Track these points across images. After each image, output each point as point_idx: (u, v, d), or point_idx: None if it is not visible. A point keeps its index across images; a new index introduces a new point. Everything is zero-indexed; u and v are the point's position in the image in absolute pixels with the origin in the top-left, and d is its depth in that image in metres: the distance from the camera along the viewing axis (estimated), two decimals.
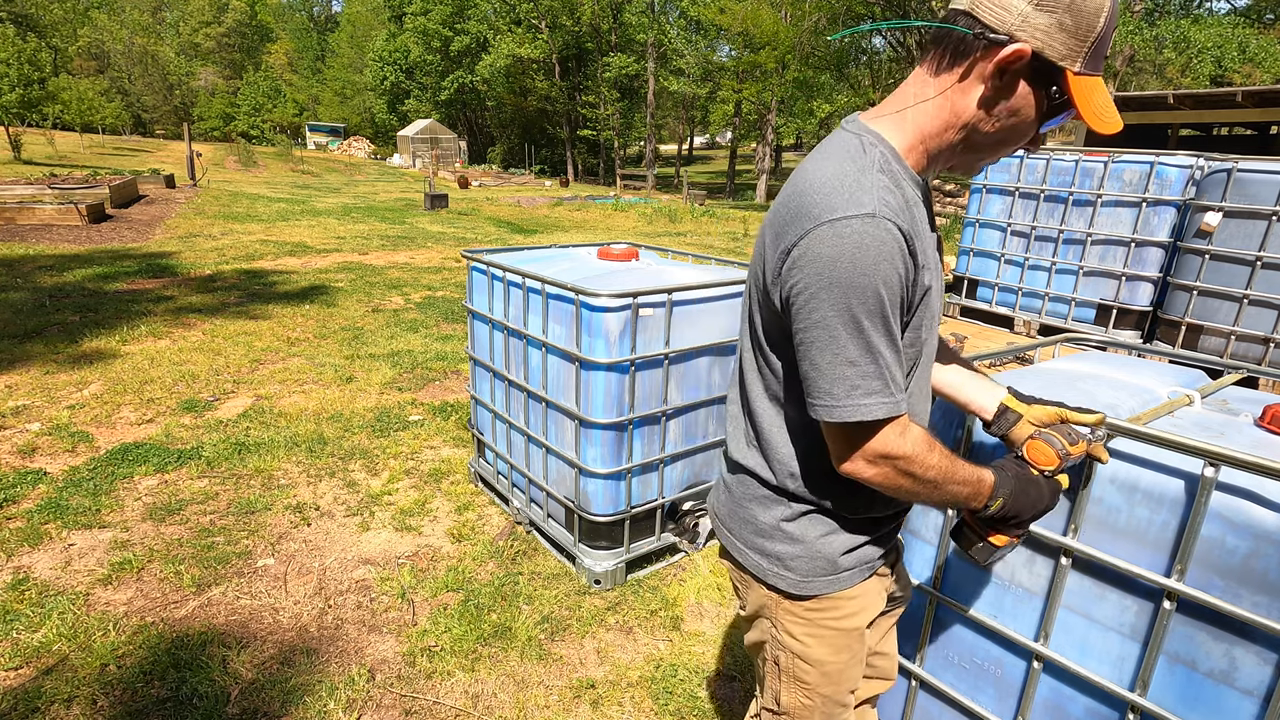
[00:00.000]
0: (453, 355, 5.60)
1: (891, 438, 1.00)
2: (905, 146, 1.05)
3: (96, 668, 2.24)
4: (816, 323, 0.97)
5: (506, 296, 2.90)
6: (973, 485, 1.08)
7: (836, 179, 0.98)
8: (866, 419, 0.98)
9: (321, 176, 26.42)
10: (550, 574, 2.84)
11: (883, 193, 0.97)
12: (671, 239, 13.52)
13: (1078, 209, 6.14)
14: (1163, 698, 1.32)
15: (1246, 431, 1.39)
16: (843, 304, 0.95)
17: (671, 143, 55.30)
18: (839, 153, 1.03)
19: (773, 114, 26.60)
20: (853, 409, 0.98)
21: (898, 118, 1.05)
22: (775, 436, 1.17)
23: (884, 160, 1.02)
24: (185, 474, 3.52)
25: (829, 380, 0.98)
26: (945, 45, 1.00)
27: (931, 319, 1.10)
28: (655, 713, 2.19)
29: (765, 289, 1.07)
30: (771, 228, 1.06)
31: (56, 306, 6.31)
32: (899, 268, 0.96)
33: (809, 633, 1.23)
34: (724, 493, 1.31)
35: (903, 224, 0.96)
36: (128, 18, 52.21)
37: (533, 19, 34.89)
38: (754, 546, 1.23)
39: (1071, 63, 0.94)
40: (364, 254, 10.10)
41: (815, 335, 0.98)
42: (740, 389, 1.25)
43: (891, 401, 0.99)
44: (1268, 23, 19.66)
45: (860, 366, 0.97)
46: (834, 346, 0.97)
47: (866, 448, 1.01)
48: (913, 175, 1.06)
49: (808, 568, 1.19)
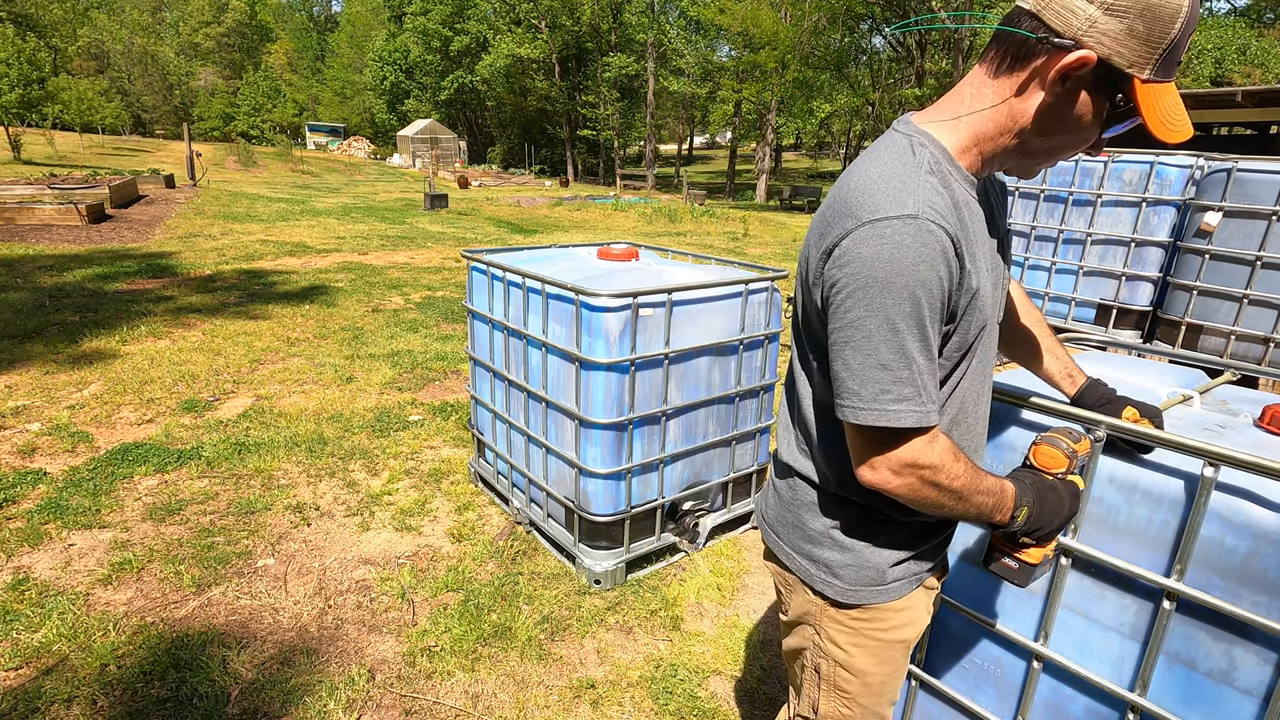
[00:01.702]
0: (453, 355, 5.60)
1: (919, 446, 0.98)
2: (959, 148, 1.03)
3: (96, 668, 2.23)
4: (851, 322, 0.95)
5: (506, 296, 2.90)
6: (996, 495, 1.05)
7: (882, 179, 0.97)
8: (893, 425, 0.96)
9: (321, 176, 26.42)
10: (550, 574, 2.84)
11: (929, 194, 0.95)
12: (671, 239, 13.53)
13: (1077, 209, 6.14)
14: (1163, 698, 1.32)
15: (1246, 431, 1.39)
16: (878, 305, 0.93)
17: (671, 143, 55.30)
18: (888, 154, 1.02)
19: (773, 114, 26.60)
20: (879, 413, 0.96)
21: (953, 120, 1.03)
22: (827, 442, 1.14)
23: (934, 162, 1.00)
24: (185, 474, 3.52)
25: (858, 381, 0.96)
26: (1006, 47, 0.96)
27: (983, 323, 1.07)
28: (655, 713, 2.19)
29: (808, 288, 1.06)
30: (816, 227, 1.05)
31: (56, 306, 6.31)
32: (940, 271, 0.93)
33: (854, 642, 1.21)
34: (773, 496, 1.30)
35: (948, 226, 0.94)
36: (128, 18, 52.21)
37: (533, 19, 34.89)
38: (802, 551, 1.22)
39: (1140, 70, 0.89)
40: (364, 254, 10.10)
41: (848, 335, 0.96)
42: (790, 393, 1.23)
43: (922, 411, 0.96)
44: (1268, 23, 19.67)
45: (892, 371, 0.94)
46: (866, 347, 0.95)
47: (891, 455, 0.98)
48: (967, 176, 1.03)
49: (855, 576, 1.17)
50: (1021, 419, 1.48)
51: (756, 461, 3.17)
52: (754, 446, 3.13)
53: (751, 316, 2.84)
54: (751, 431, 3.07)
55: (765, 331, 2.91)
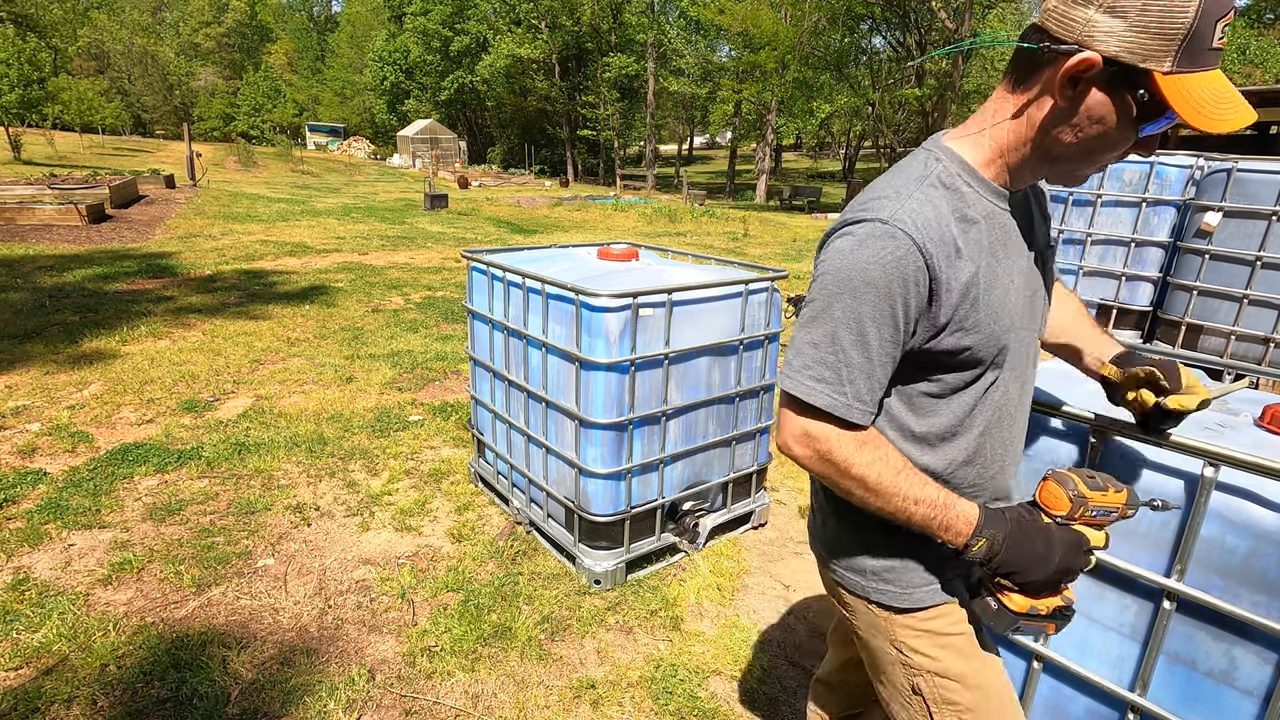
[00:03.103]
0: (453, 355, 5.60)
1: (825, 426, 1.03)
2: (982, 160, 1.05)
3: (96, 668, 2.23)
4: (808, 303, 1.04)
5: (506, 296, 2.90)
6: (938, 510, 1.02)
7: (880, 188, 1.03)
8: (802, 398, 1.02)
9: (321, 177, 26.42)
10: (550, 574, 2.84)
11: (918, 205, 0.98)
12: (671, 239, 13.53)
13: (1077, 209, 6.14)
14: (1163, 698, 1.32)
15: (1246, 431, 1.39)
16: (826, 293, 1.00)
17: (671, 143, 55.31)
18: (902, 167, 1.07)
19: (773, 114, 26.61)
20: (795, 383, 1.03)
21: (977, 135, 1.06)
22: None
23: (946, 175, 1.03)
24: (185, 474, 3.52)
25: (793, 350, 1.04)
26: (1021, 61, 0.99)
27: (1002, 335, 1.05)
28: (655, 713, 2.19)
29: None
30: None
31: (56, 306, 6.31)
32: (892, 276, 0.96)
33: (935, 644, 1.15)
34: (816, 516, 1.29)
35: (918, 236, 0.96)
36: (128, 18, 52.23)
37: (533, 19, 34.89)
38: (852, 567, 1.20)
39: (1158, 63, 0.87)
40: (364, 254, 10.10)
41: (804, 315, 1.05)
42: None
43: (839, 399, 1.01)
44: (1268, 23, 19.68)
45: (819, 351, 1.01)
46: (809, 326, 1.03)
47: (799, 423, 1.05)
48: (994, 188, 1.05)
49: (906, 578, 1.15)
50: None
51: (756, 461, 3.17)
52: (754, 446, 3.13)
53: (751, 316, 2.84)
54: (751, 431, 3.07)
55: (765, 331, 2.91)
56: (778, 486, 3.73)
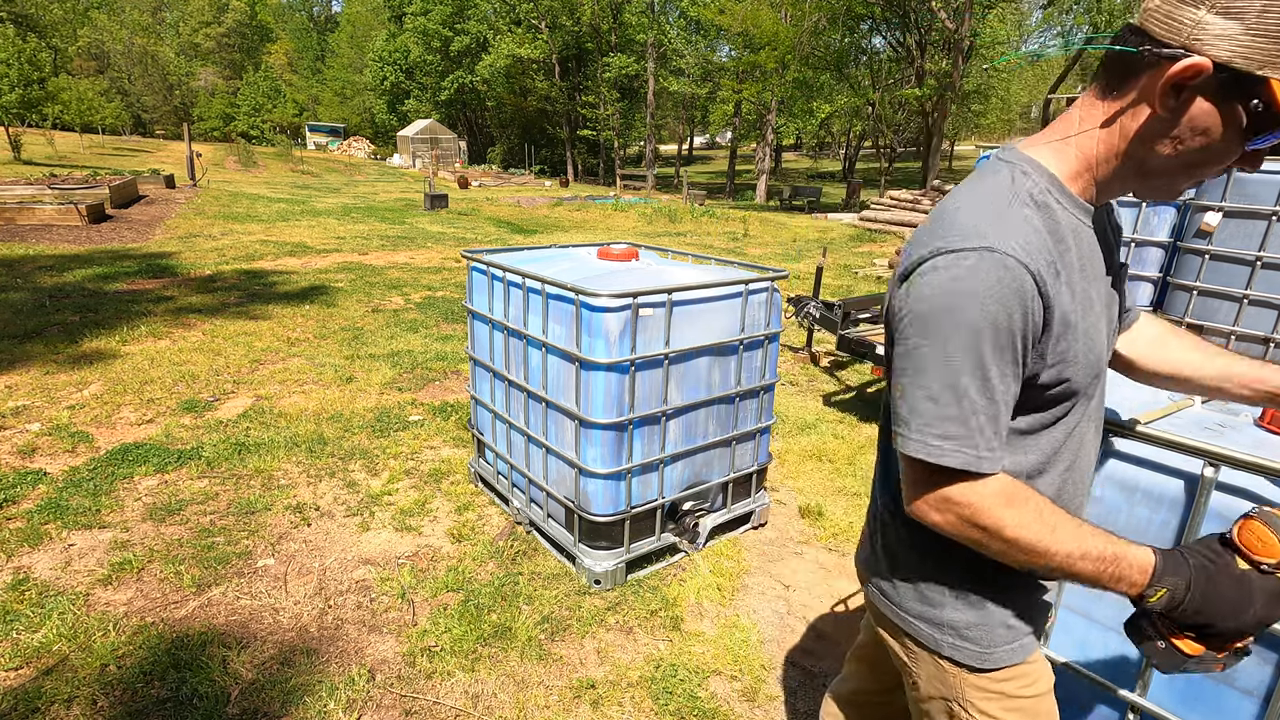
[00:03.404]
0: (453, 355, 5.60)
1: (961, 486, 0.92)
2: (1069, 174, 0.96)
3: (96, 668, 2.23)
4: (909, 351, 0.92)
5: (506, 296, 2.90)
6: (1107, 564, 0.90)
7: (970, 209, 0.93)
8: (932, 461, 0.91)
9: (321, 177, 26.42)
10: (550, 574, 2.84)
11: (1018, 227, 0.90)
12: (671, 239, 13.53)
13: None
14: (1163, 698, 1.32)
15: (1246, 431, 1.39)
16: (936, 336, 0.89)
17: (671, 143, 55.30)
18: (984, 183, 0.97)
19: (773, 114, 26.61)
20: (920, 445, 0.92)
21: (1061, 144, 0.97)
22: None
23: (1037, 191, 0.94)
24: (185, 474, 3.52)
25: (908, 411, 0.93)
26: (1114, 66, 0.91)
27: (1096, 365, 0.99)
28: (655, 713, 2.19)
29: (889, 316, 1.01)
30: (904, 253, 1.01)
31: (56, 306, 6.31)
32: (1011, 309, 0.87)
33: (1005, 707, 1.08)
34: (878, 552, 1.18)
35: (1031, 263, 0.88)
36: (128, 18, 52.21)
37: (533, 19, 34.89)
38: (922, 615, 1.10)
39: (1276, 69, 0.79)
40: (364, 254, 10.10)
41: (905, 363, 0.93)
42: (888, 434, 1.14)
43: (970, 453, 0.90)
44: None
45: (941, 405, 0.90)
46: (920, 377, 0.91)
47: (930, 490, 0.94)
48: (1081, 204, 0.97)
49: (988, 636, 1.06)
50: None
51: (756, 461, 3.17)
52: (754, 446, 3.13)
53: (751, 317, 2.84)
54: (751, 431, 3.07)
55: (765, 332, 2.91)
56: (778, 486, 3.73)
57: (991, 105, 33.22)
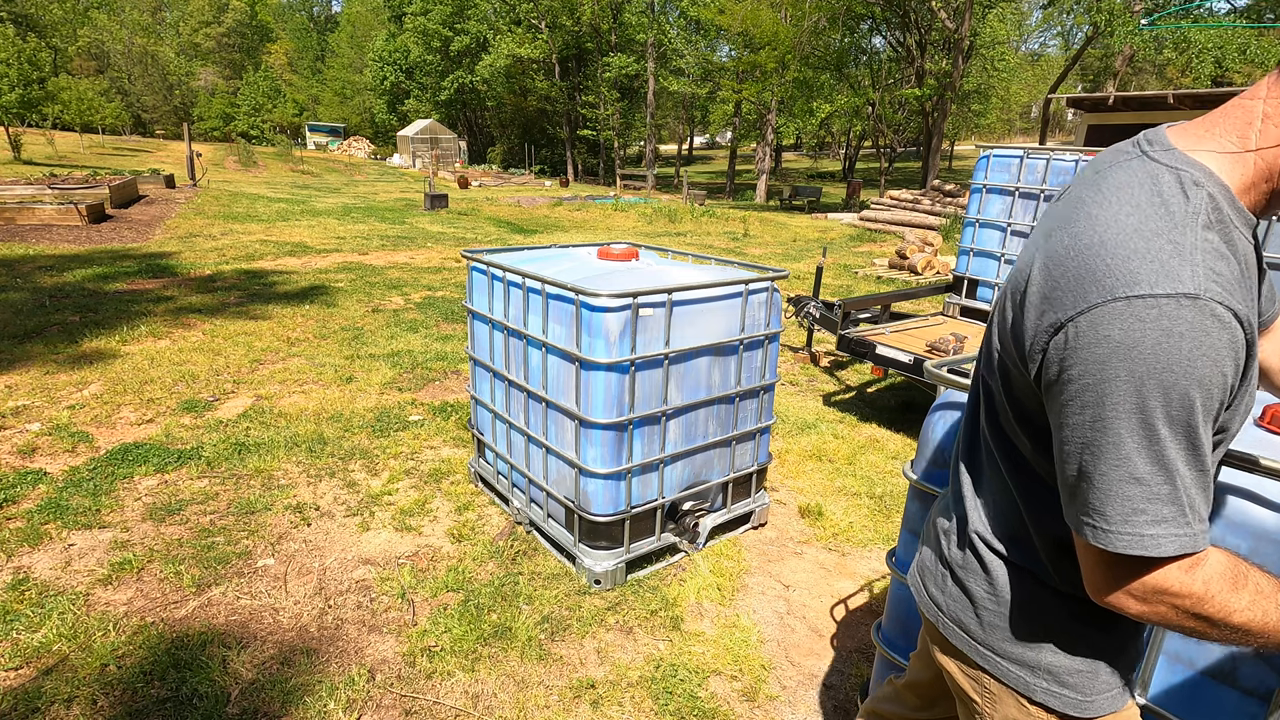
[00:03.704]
0: (453, 355, 5.60)
1: (1176, 573, 0.77)
2: (1243, 184, 0.79)
3: (96, 668, 2.23)
4: (1093, 422, 0.76)
5: (506, 296, 2.90)
6: None
7: (1141, 235, 0.74)
8: (1149, 554, 0.76)
9: (321, 177, 26.42)
10: (550, 574, 2.84)
11: (1211, 260, 0.73)
12: (671, 239, 13.52)
13: None
14: (1163, 698, 1.32)
15: (1247, 431, 1.39)
16: (1135, 405, 0.73)
17: (671, 143, 55.30)
18: (1145, 194, 0.77)
19: (773, 114, 26.61)
20: (1132, 539, 0.76)
21: (1239, 146, 0.79)
22: (1051, 529, 0.92)
23: (1213, 210, 0.76)
24: (185, 474, 3.52)
25: (1103, 497, 0.77)
26: None
27: (1249, 403, 0.85)
28: (655, 713, 2.19)
29: (1022, 356, 0.85)
30: (1040, 286, 0.82)
31: (56, 306, 6.31)
32: (1225, 368, 0.72)
33: None
34: (958, 584, 1.06)
35: (1239, 307, 0.72)
36: (128, 18, 52.16)
37: (533, 19, 34.88)
38: (1012, 656, 0.99)
39: None
40: (364, 254, 10.10)
41: (1090, 437, 0.77)
42: (979, 456, 1.03)
43: (1186, 534, 0.76)
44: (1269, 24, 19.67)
45: (1149, 486, 0.75)
46: (1115, 456, 0.75)
47: (1141, 583, 0.79)
48: (1249, 219, 0.80)
49: (1090, 684, 0.97)
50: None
51: (756, 461, 3.17)
52: (754, 446, 3.13)
53: (751, 317, 2.84)
54: (751, 431, 3.07)
55: (765, 332, 2.91)
56: (778, 486, 3.73)
57: (991, 105, 33.22)
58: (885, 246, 13.23)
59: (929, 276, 9.93)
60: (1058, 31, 34.15)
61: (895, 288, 8.94)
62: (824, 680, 2.38)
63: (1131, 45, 17.66)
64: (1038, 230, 0.90)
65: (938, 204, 15.92)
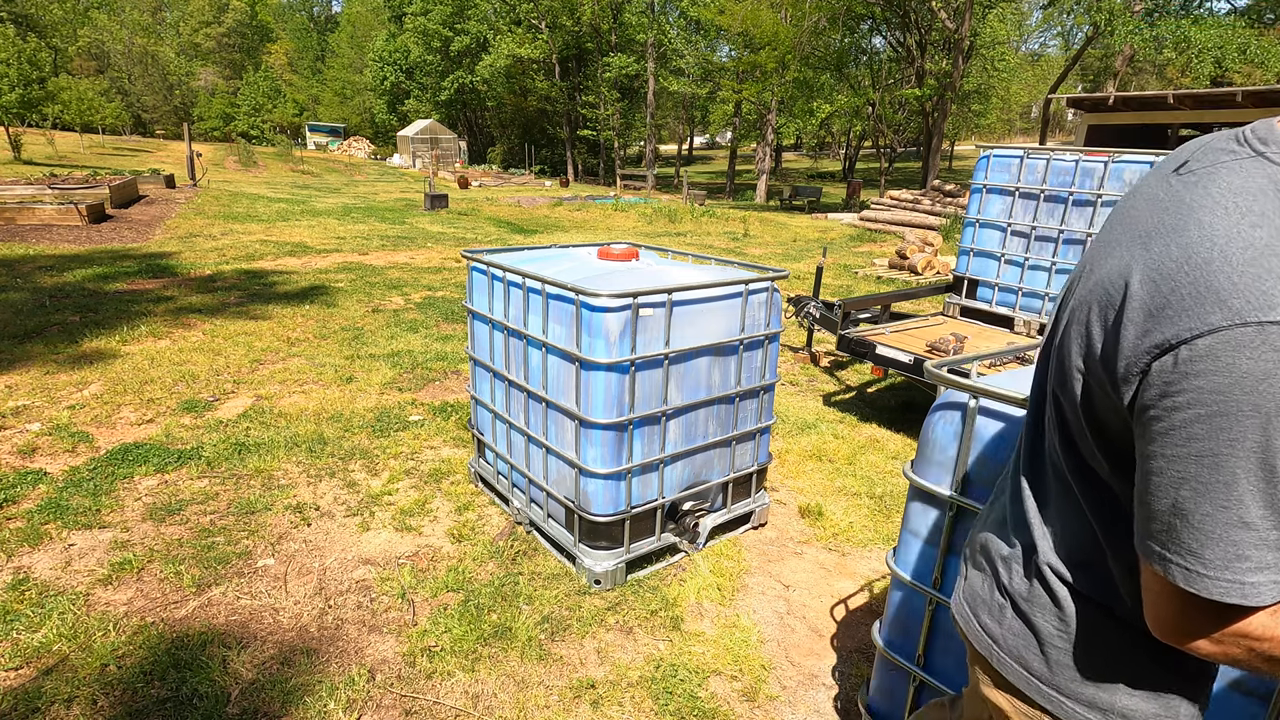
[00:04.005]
0: (453, 355, 5.60)
1: (1263, 619, 0.72)
2: None
3: (96, 668, 2.23)
4: (1204, 457, 0.69)
5: (506, 296, 2.90)
6: None
7: (1275, 254, 0.66)
8: (1247, 603, 0.70)
9: (321, 177, 26.42)
10: (550, 574, 2.84)
11: None
12: (671, 239, 13.53)
13: (1078, 209, 6.15)
14: None
15: None
16: (1258, 444, 0.66)
17: (671, 143, 55.31)
18: (1273, 204, 0.69)
19: (773, 114, 26.62)
20: (1230, 586, 0.70)
21: None
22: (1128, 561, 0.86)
23: None
24: (185, 474, 3.52)
25: (1202, 538, 0.70)
26: None
27: None
28: (655, 713, 2.19)
29: (1111, 379, 0.77)
30: (1139, 300, 0.73)
31: (56, 306, 6.31)
32: None
33: None
34: (1018, 614, 0.98)
35: None
36: (128, 18, 52.18)
37: (533, 19, 34.88)
38: (1079, 696, 0.92)
39: None
40: (364, 254, 10.10)
41: (1194, 471, 0.69)
42: (1044, 477, 0.96)
43: None
44: (1268, 23, 19.68)
45: (1257, 531, 0.68)
46: (1225, 498, 0.68)
47: (1224, 629, 0.73)
48: None
49: None
50: None
51: (756, 461, 3.17)
52: (754, 446, 3.13)
53: (751, 317, 2.84)
54: (751, 431, 3.07)
55: (765, 332, 2.91)
56: (778, 486, 3.73)
57: (991, 105, 33.24)
58: (885, 246, 13.23)
59: (929, 276, 9.94)
60: (1058, 31, 34.15)
61: (895, 288, 8.94)
62: (824, 680, 2.38)
63: (1131, 45, 17.66)
64: (1121, 233, 0.81)
65: (938, 204, 15.93)
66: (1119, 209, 0.86)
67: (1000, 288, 7.18)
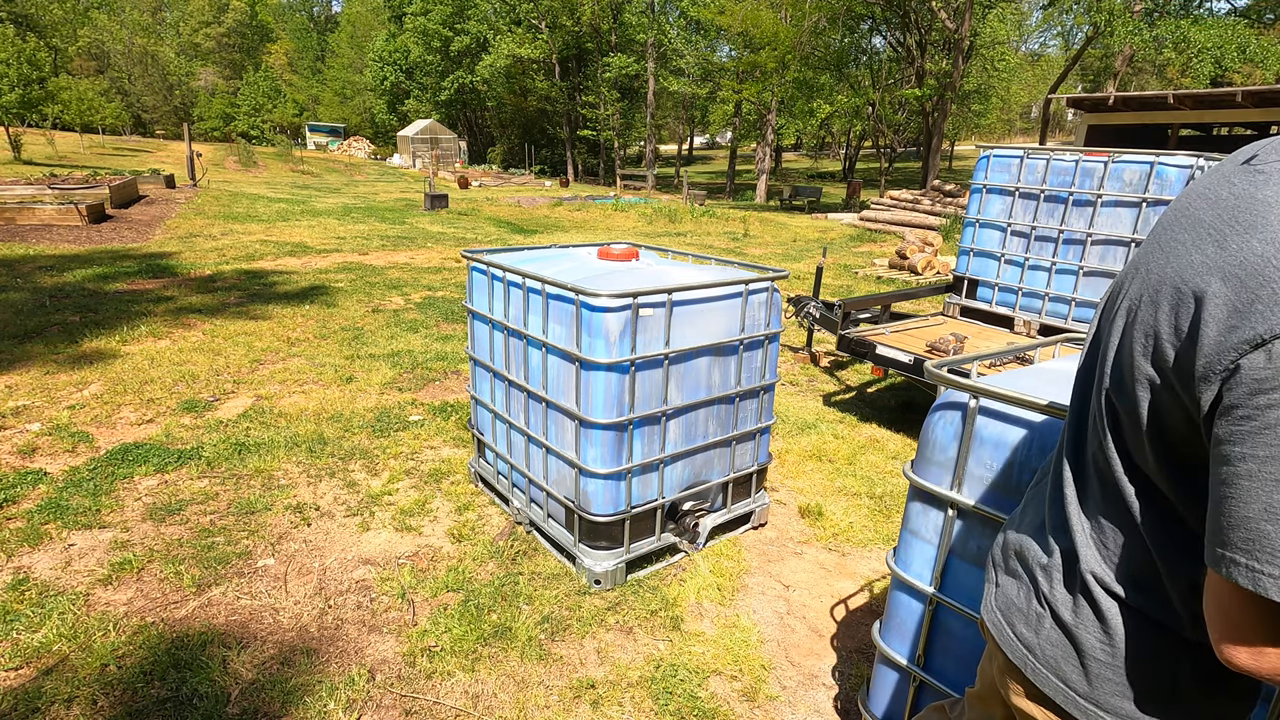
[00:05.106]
0: (453, 355, 5.60)
1: None
2: None
3: (96, 668, 2.23)
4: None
5: (506, 296, 2.90)
6: None
7: None
8: None
9: (321, 177, 26.42)
10: (550, 574, 2.84)
11: None
12: (671, 239, 13.53)
13: (1078, 209, 6.14)
14: None
15: None
16: None
17: (671, 143, 55.30)
18: None
19: (773, 114, 26.62)
20: None
21: None
22: (1191, 574, 0.83)
23: None
24: (185, 474, 3.52)
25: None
26: None
27: None
28: (655, 713, 2.19)
29: (1184, 381, 0.75)
30: (1223, 298, 0.71)
31: (56, 306, 6.31)
32: None
33: None
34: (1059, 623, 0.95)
35: None
36: (128, 18, 52.17)
37: (533, 19, 34.88)
38: (1120, 712, 0.90)
39: None
40: (364, 254, 10.10)
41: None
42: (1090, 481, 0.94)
43: None
44: (1268, 23, 19.69)
45: None
46: None
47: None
48: None
49: None
50: None
51: (756, 461, 3.17)
52: (754, 446, 3.13)
53: (751, 317, 2.84)
54: (751, 431, 3.07)
55: (765, 332, 2.91)
56: (778, 487, 3.73)
57: (991, 105, 33.23)
58: (885, 246, 13.23)
59: (929, 276, 9.93)
60: (1058, 31, 34.13)
61: (895, 288, 8.94)
62: (824, 680, 2.38)
63: (1131, 45, 17.66)
64: (1182, 234, 0.80)
65: (938, 204, 15.93)
66: (1174, 211, 0.84)
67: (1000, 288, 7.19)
